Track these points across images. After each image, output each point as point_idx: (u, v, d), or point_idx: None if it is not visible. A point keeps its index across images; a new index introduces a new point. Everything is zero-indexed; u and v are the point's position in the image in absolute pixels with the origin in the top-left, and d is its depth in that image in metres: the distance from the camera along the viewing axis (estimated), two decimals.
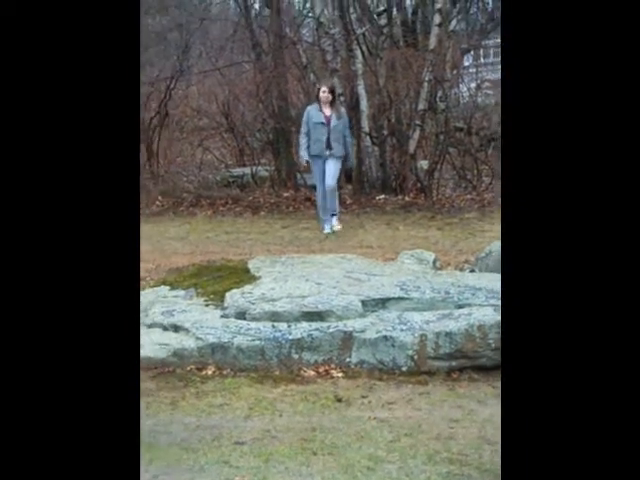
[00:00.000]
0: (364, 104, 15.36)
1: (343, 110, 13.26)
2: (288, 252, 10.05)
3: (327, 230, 12.40)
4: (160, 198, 15.29)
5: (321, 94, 12.61)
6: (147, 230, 12.50)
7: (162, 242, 11.11)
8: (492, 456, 5.27)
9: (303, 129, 12.70)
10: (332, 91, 12.72)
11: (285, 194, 15.47)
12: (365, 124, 15.39)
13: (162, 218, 13.93)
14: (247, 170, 17.08)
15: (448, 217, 13.29)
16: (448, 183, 16.07)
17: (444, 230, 12.17)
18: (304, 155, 12.67)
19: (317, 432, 5.72)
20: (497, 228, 11.72)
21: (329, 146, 12.41)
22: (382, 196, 14.96)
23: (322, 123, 12.44)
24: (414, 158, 15.25)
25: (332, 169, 12.45)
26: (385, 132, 15.49)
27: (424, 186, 15.09)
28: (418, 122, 15.21)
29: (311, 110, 12.70)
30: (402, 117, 15.52)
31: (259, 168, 16.81)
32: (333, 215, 12.63)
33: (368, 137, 15.34)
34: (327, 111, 12.52)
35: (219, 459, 5.23)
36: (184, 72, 19.42)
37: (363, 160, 15.42)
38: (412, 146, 15.21)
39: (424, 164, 15.87)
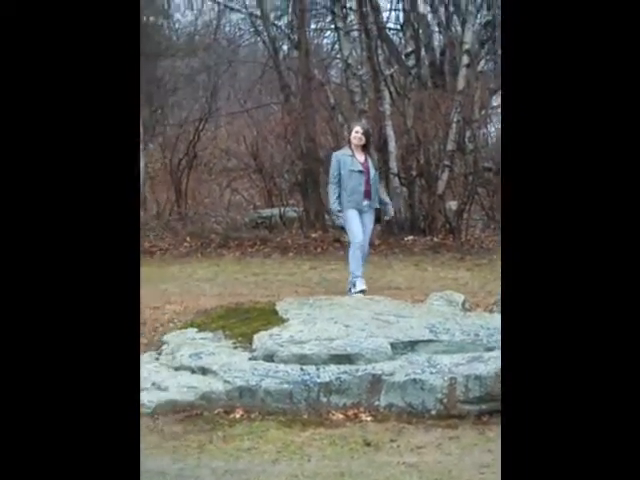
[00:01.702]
0: (392, 145, 15.36)
1: (375, 156, 11.66)
2: (316, 294, 9.99)
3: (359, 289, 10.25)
4: (188, 239, 15.28)
5: (354, 134, 10.76)
6: (175, 271, 12.55)
7: (190, 284, 11.08)
8: None
9: (333, 178, 10.68)
10: (366, 133, 10.90)
11: (313, 235, 15.37)
12: (394, 165, 15.37)
13: (190, 259, 13.92)
14: (275, 211, 17.06)
15: (477, 258, 13.23)
16: (477, 224, 16.04)
17: (473, 271, 12.11)
18: (336, 206, 10.64)
19: (346, 477, 5.68)
20: None
21: (368, 197, 10.58)
22: (410, 237, 14.90)
23: (360, 171, 10.57)
24: (443, 199, 15.23)
25: (368, 224, 10.73)
26: (414, 173, 15.47)
27: (453, 227, 15.05)
28: (447, 163, 15.20)
29: (341, 156, 10.79)
30: (430, 158, 15.48)
31: (287, 209, 16.79)
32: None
33: (397, 178, 15.31)
34: (361, 157, 10.68)
35: None
36: (212, 114, 19.50)
37: (392, 201, 15.37)
38: (441, 187, 15.20)
39: (453, 205, 15.79)
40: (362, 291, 10.17)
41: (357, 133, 10.76)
